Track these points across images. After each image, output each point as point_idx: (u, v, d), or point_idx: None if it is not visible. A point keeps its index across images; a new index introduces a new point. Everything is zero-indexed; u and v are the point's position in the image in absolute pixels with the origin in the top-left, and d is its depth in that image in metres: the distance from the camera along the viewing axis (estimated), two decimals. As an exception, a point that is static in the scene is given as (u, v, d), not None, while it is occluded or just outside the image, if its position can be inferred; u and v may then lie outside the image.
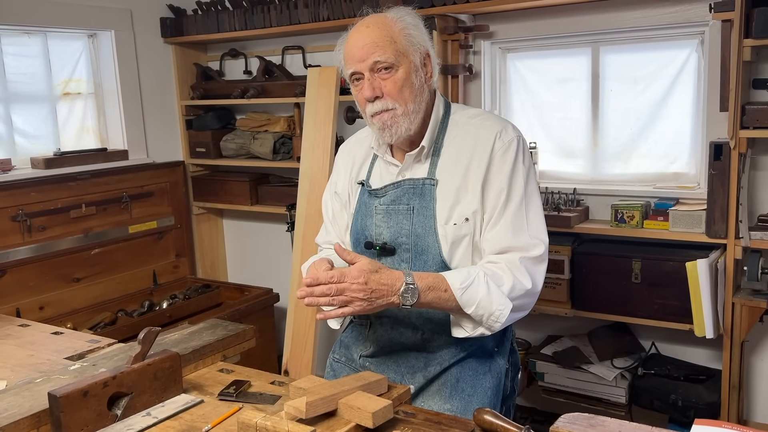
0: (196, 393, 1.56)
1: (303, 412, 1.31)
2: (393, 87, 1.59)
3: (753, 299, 2.58)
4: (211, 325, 1.90)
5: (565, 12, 2.98)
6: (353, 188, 1.81)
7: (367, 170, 1.80)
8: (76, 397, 1.35)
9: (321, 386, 1.40)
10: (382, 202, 1.71)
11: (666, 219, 2.75)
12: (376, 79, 1.59)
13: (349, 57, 1.62)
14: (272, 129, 3.77)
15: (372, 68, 1.59)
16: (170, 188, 3.94)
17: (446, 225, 1.63)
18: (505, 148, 1.63)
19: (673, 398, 2.74)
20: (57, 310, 3.35)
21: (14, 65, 3.39)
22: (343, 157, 1.88)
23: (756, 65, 2.66)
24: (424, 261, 1.65)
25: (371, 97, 1.60)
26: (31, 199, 3.25)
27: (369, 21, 1.62)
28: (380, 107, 1.60)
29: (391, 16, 1.63)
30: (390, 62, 1.58)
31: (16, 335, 2.03)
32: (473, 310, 1.52)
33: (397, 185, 1.70)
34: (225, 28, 3.69)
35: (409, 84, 1.61)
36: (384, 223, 1.70)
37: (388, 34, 1.59)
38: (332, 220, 1.88)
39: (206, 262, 4.23)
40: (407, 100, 1.61)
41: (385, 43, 1.58)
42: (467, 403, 1.66)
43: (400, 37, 1.60)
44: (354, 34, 1.62)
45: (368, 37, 1.59)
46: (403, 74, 1.59)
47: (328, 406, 1.34)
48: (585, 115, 3.14)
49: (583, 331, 3.10)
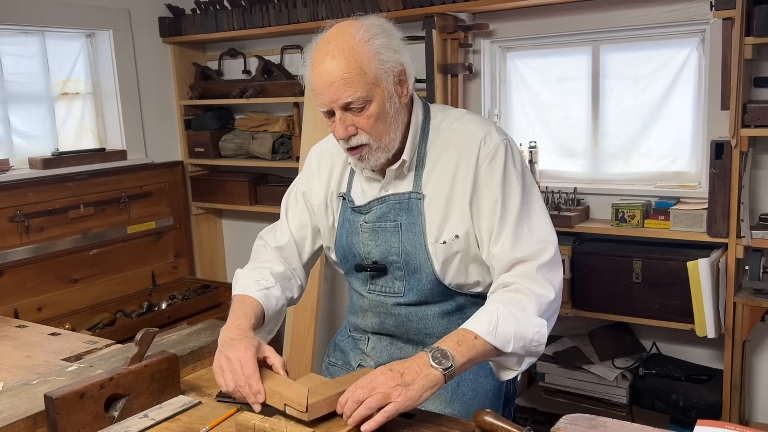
0: (194, 394, 1.55)
1: (305, 415, 1.27)
2: (366, 123, 1.48)
3: (754, 299, 2.57)
4: (209, 325, 1.89)
5: (565, 10, 2.97)
6: (333, 200, 1.72)
7: (346, 182, 1.70)
8: (73, 399, 1.34)
9: (323, 385, 1.36)
10: (367, 219, 1.63)
11: (667, 218, 2.73)
12: (347, 117, 1.48)
13: (316, 91, 1.49)
14: (271, 129, 3.76)
15: (343, 107, 1.47)
16: (169, 188, 3.93)
17: (436, 243, 1.57)
18: (492, 155, 1.54)
19: (674, 398, 2.73)
20: (55, 311, 3.33)
21: (12, 65, 3.38)
22: (319, 164, 1.75)
23: (757, 63, 2.65)
24: (418, 279, 1.60)
25: (345, 137, 1.50)
26: (29, 200, 3.24)
27: (334, 48, 1.45)
28: (355, 143, 1.51)
29: (359, 37, 1.46)
30: (362, 99, 1.46)
31: (14, 336, 2.02)
32: (512, 346, 1.39)
33: (382, 200, 1.62)
34: (224, 28, 3.68)
35: (384, 115, 1.50)
36: (372, 241, 1.63)
37: (357, 65, 1.44)
38: (293, 223, 1.77)
39: (205, 262, 4.22)
40: (382, 134, 1.51)
41: (355, 77, 1.44)
42: (468, 407, 1.64)
43: (371, 65, 1.45)
44: (318, 65, 1.47)
45: (336, 72, 1.44)
46: (377, 108, 1.48)
47: (330, 406, 1.31)
48: (585, 114, 3.13)
49: (584, 331, 3.09)
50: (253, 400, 1.35)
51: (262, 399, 1.34)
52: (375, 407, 1.26)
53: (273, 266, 1.70)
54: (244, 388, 1.35)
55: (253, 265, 1.72)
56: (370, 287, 1.68)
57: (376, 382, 1.28)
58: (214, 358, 1.44)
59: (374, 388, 1.27)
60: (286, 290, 1.70)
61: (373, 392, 1.26)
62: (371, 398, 1.26)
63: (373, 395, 1.26)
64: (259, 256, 1.76)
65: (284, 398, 1.31)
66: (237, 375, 1.36)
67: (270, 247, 1.75)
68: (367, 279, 1.68)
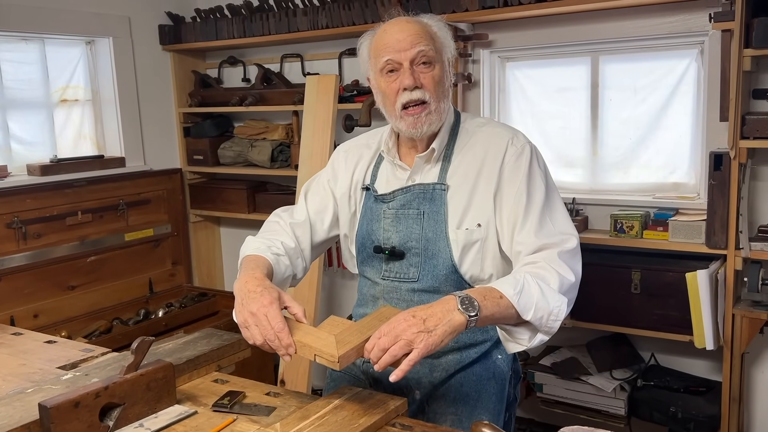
0: (189, 404, 1.54)
1: (336, 365, 1.33)
2: (431, 81, 1.59)
3: (753, 310, 2.56)
4: (206, 334, 1.88)
5: (565, 21, 2.97)
6: (356, 192, 1.79)
7: (371, 174, 1.78)
8: (68, 408, 1.33)
9: (348, 332, 1.41)
10: (390, 207, 1.70)
11: (665, 229, 2.73)
12: (415, 71, 1.58)
13: (383, 46, 1.60)
14: (270, 137, 3.76)
15: (413, 60, 1.58)
16: (167, 196, 3.93)
17: (458, 230, 1.62)
18: (518, 153, 1.63)
19: (672, 410, 2.72)
20: (51, 318, 3.32)
21: (11, 71, 3.38)
22: (346, 158, 1.84)
23: (756, 75, 2.65)
24: (434, 265, 1.64)
25: (411, 86, 1.58)
26: (27, 206, 3.23)
27: (406, 18, 1.63)
28: (419, 96, 1.59)
29: (427, 20, 1.64)
30: (431, 56, 1.59)
31: (9, 344, 2.00)
32: (532, 313, 1.43)
33: (407, 190, 1.69)
34: (223, 36, 3.69)
35: (442, 82, 1.62)
36: (393, 227, 1.68)
37: (428, 31, 1.61)
38: (312, 206, 1.83)
39: (203, 270, 4.21)
40: (440, 97, 1.62)
41: (427, 37, 1.59)
42: (472, 408, 1.66)
43: (438, 37, 1.62)
44: (393, 26, 1.61)
45: (411, 29, 1.58)
46: (440, 71, 1.61)
47: (358, 353, 1.37)
48: (584, 124, 3.13)
49: (582, 341, 3.08)
50: (284, 352, 1.39)
51: (293, 351, 1.39)
52: (399, 355, 1.32)
53: (285, 240, 1.75)
54: (274, 342, 1.40)
55: (265, 236, 1.77)
56: (384, 273, 1.71)
57: (399, 328, 1.33)
58: (236, 311, 1.48)
59: (398, 335, 1.32)
60: (293, 265, 1.74)
61: (397, 339, 1.32)
62: (395, 346, 1.31)
63: (397, 343, 1.31)
64: (272, 230, 1.80)
65: (314, 349, 1.37)
66: (265, 329, 1.40)
67: (284, 223, 1.80)
68: (382, 264, 1.71)
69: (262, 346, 1.43)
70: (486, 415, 1.67)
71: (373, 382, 1.74)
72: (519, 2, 2.79)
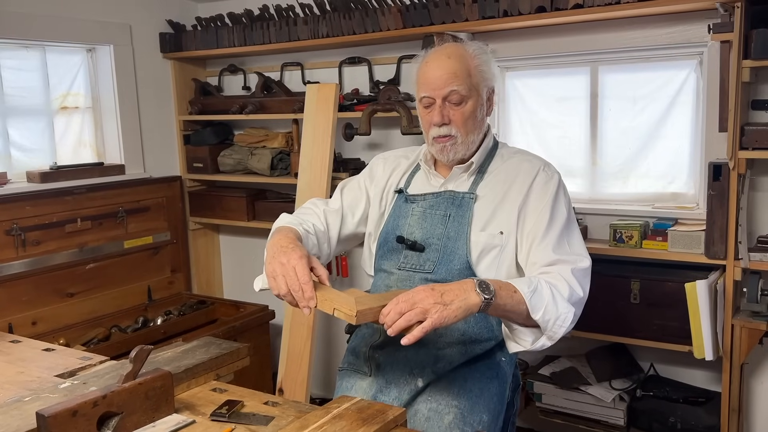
0: (188, 413, 1.53)
1: (354, 318, 1.40)
2: (460, 118, 1.72)
3: (752, 321, 2.55)
4: (204, 343, 1.88)
5: (564, 31, 2.98)
6: (389, 194, 1.89)
7: (405, 180, 1.90)
8: (65, 417, 1.32)
9: (367, 298, 1.49)
10: (419, 206, 1.80)
11: (665, 239, 2.73)
12: (446, 107, 1.71)
13: (423, 81, 1.73)
14: (270, 145, 3.76)
15: (445, 97, 1.70)
16: (167, 203, 3.93)
17: (481, 232, 1.71)
18: (548, 179, 1.76)
19: (672, 421, 2.71)
20: (50, 325, 3.31)
21: (12, 79, 3.38)
22: (383, 164, 1.96)
23: (755, 86, 2.66)
24: (450, 260, 1.72)
25: (439, 123, 1.71)
26: (26, 213, 3.23)
27: (450, 51, 1.73)
28: (445, 132, 1.72)
29: (470, 51, 1.74)
30: (463, 94, 1.70)
31: (7, 351, 2.00)
32: (540, 315, 1.52)
33: (437, 195, 1.80)
34: (224, 44, 3.69)
35: (474, 117, 1.74)
36: (417, 224, 1.78)
37: (466, 68, 1.71)
38: (347, 200, 1.92)
39: (202, 277, 4.20)
40: (469, 131, 1.74)
41: (463, 75, 1.70)
42: (474, 404, 1.69)
43: (475, 72, 1.72)
44: (434, 61, 1.73)
45: (449, 68, 1.69)
46: (471, 107, 1.72)
47: (375, 316, 1.44)
48: (584, 134, 3.13)
49: (581, 351, 3.07)
50: (305, 304, 1.47)
51: (314, 304, 1.46)
52: (414, 320, 1.39)
53: (315, 222, 1.84)
54: (298, 292, 1.47)
55: (298, 214, 1.87)
56: (402, 263, 1.78)
57: (417, 297, 1.41)
58: (266, 263, 1.57)
59: (415, 302, 1.40)
60: (319, 247, 1.82)
61: (413, 306, 1.39)
62: (411, 312, 1.39)
63: (414, 309, 1.39)
64: (306, 212, 1.90)
65: (334, 303, 1.44)
66: (292, 280, 1.48)
67: (319, 209, 1.90)
68: (400, 256, 1.78)
69: (285, 296, 1.50)
70: (486, 414, 1.70)
71: (376, 368, 1.78)
72: (519, 12, 2.80)
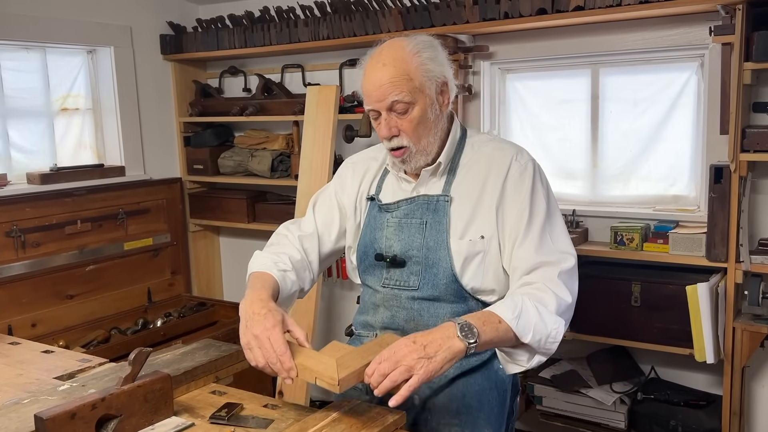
0: (187, 416, 1.53)
1: (337, 388, 1.34)
2: (408, 126, 1.63)
3: (754, 324, 2.55)
4: (204, 345, 1.87)
5: (565, 34, 2.98)
6: (362, 202, 1.83)
7: (376, 185, 1.83)
8: (64, 420, 1.32)
9: (349, 356, 1.42)
10: (394, 216, 1.74)
11: (666, 242, 2.73)
12: (392, 118, 1.63)
13: (366, 93, 1.65)
14: (270, 147, 3.76)
15: (389, 108, 1.62)
16: (167, 205, 3.92)
17: (460, 240, 1.65)
18: (522, 169, 1.67)
19: (673, 424, 2.70)
20: (50, 327, 3.30)
21: (12, 80, 3.38)
22: (352, 172, 1.89)
23: (756, 89, 2.65)
24: (434, 274, 1.66)
25: (388, 136, 1.64)
26: (26, 215, 3.23)
27: (386, 57, 1.62)
28: (396, 144, 1.65)
29: (409, 49, 1.62)
30: (406, 101, 1.60)
31: (6, 353, 1.99)
32: (530, 336, 1.47)
33: (411, 201, 1.73)
34: (225, 46, 3.69)
35: (425, 120, 1.64)
36: (395, 236, 1.72)
37: (404, 72, 1.60)
38: (320, 218, 1.87)
39: (202, 280, 4.19)
40: (421, 137, 1.65)
41: (402, 82, 1.59)
42: (475, 419, 1.66)
43: (417, 74, 1.61)
44: (370, 71, 1.63)
45: (385, 77, 1.59)
46: (419, 112, 1.62)
47: (359, 378, 1.38)
48: (584, 136, 3.13)
49: (582, 354, 3.07)
50: (285, 375, 1.42)
51: (294, 375, 1.41)
52: (399, 380, 1.33)
53: (291, 253, 1.77)
54: (276, 365, 1.42)
55: (272, 249, 1.79)
56: (385, 281, 1.73)
57: (399, 354, 1.34)
58: (240, 333, 1.50)
59: (398, 360, 1.34)
60: (300, 279, 1.77)
61: (397, 365, 1.33)
62: (395, 372, 1.33)
63: (398, 368, 1.33)
64: (279, 242, 1.83)
65: (315, 372, 1.40)
66: (267, 352, 1.43)
67: (293, 236, 1.83)
68: (383, 273, 1.74)
69: (264, 368, 1.45)
70: (488, 428, 1.67)
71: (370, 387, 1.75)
72: (520, 14, 2.80)
